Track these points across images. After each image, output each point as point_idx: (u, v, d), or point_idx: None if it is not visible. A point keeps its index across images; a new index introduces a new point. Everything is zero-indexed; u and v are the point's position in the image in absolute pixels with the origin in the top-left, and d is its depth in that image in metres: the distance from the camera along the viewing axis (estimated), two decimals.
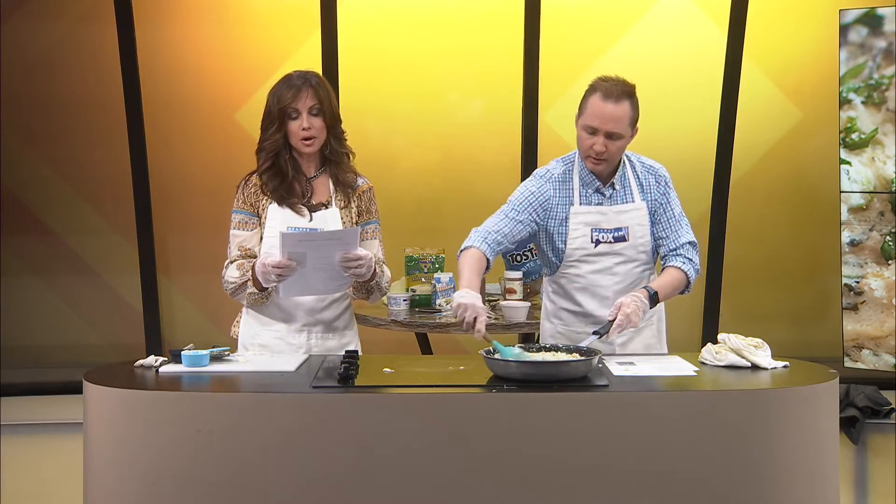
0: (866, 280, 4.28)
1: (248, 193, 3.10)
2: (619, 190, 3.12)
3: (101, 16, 4.69)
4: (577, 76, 4.81)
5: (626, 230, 3.10)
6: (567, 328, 3.18)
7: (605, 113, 2.98)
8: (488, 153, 4.92)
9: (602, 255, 3.10)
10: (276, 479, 2.46)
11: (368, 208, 3.17)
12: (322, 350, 3.12)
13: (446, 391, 2.57)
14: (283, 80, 3.06)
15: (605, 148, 3.00)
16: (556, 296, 3.21)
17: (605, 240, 3.09)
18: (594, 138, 3.01)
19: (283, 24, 4.79)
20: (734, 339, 2.81)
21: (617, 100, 2.98)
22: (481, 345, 2.81)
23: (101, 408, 2.57)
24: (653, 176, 3.15)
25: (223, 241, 3.14)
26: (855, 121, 4.26)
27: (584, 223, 3.09)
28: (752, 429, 2.49)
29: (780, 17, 4.80)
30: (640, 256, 3.12)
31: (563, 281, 3.16)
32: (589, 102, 3.02)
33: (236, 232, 3.10)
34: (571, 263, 3.12)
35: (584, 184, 3.11)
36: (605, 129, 2.99)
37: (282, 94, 3.02)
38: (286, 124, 3.03)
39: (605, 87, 3.00)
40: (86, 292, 4.91)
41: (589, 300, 3.12)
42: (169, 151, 4.84)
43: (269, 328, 3.12)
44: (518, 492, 2.46)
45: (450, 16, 4.84)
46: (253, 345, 3.13)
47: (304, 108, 3.01)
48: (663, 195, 3.14)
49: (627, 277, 3.12)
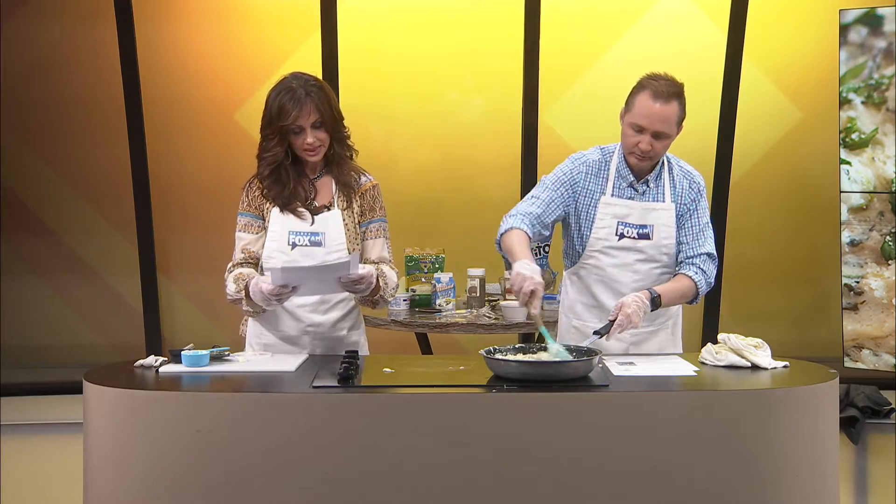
0: (866, 280, 4.28)
1: (253, 196, 3.09)
2: (653, 188, 3.12)
3: (101, 16, 4.70)
4: (577, 76, 4.83)
5: (651, 228, 3.10)
6: (582, 322, 3.16)
7: (654, 112, 2.97)
8: (488, 153, 4.92)
9: (624, 250, 3.10)
10: (276, 479, 2.47)
11: (372, 206, 3.13)
12: (328, 351, 3.10)
13: (446, 391, 2.57)
14: (284, 88, 2.96)
15: (651, 147, 3.01)
16: (573, 289, 3.21)
17: (629, 234, 3.10)
18: (640, 136, 3.01)
19: (283, 24, 4.79)
20: (734, 339, 2.81)
21: (666, 100, 2.97)
22: (481, 345, 2.81)
23: (101, 408, 2.57)
24: (688, 181, 3.16)
25: (223, 241, 3.14)
26: (855, 121, 4.26)
27: (612, 215, 3.10)
28: (752, 429, 2.49)
29: (780, 17, 4.80)
30: (661, 258, 3.12)
31: (583, 272, 3.15)
32: (637, 100, 3.01)
33: (241, 234, 3.09)
34: (593, 254, 3.12)
35: (620, 176, 3.12)
36: (654, 129, 2.99)
37: (283, 109, 2.93)
38: (288, 138, 2.98)
39: (654, 87, 2.99)
40: (86, 292, 4.91)
41: (605, 294, 3.12)
42: (169, 151, 4.84)
43: (275, 329, 3.11)
44: (518, 492, 2.46)
45: (450, 16, 4.84)
46: (259, 344, 3.11)
47: (308, 123, 2.95)
48: (694, 202, 3.14)
49: (647, 277, 3.11)
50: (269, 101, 2.99)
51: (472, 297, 4.08)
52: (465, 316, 3.93)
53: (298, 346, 3.09)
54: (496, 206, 4.85)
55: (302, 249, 3.04)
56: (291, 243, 3.05)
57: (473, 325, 3.81)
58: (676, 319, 3.25)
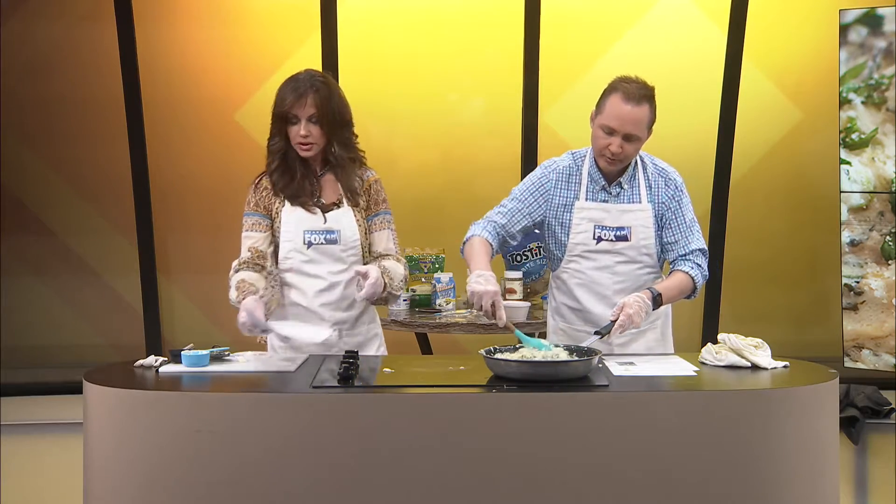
0: (866, 280, 4.28)
1: (261, 196, 3.09)
2: (627, 189, 3.12)
3: (101, 16, 4.69)
4: (577, 76, 4.83)
5: (628, 230, 3.10)
6: (568, 325, 3.18)
7: (625, 115, 2.97)
8: (488, 153, 4.92)
9: (603, 253, 3.10)
10: (276, 479, 2.46)
11: (376, 200, 3.16)
12: (354, 347, 3.10)
13: (446, 391, 2.57)
14: (290, 80, 3.04)
15: (622, 149, 3.00)
16: (558, 291, 3.22)
17: (606, 237, 3.10)
18: (611, 139, 3.00)
19: (283, 24, 4.79)
20: (734, 339, 2.81)
21: (638, 102, 2.97)
22: (481, 344, 2.81)
23: (101, 408, 2.57)
24: (663, 179, 3.14)
25: (223, 241, 3.14)
26: (855, 121, 4.26)
27: (588, 219, 3.10)
28: (752, 429, 2.49)
29: (780, 17, 4.80)
30: (643, 258, 3.12)
31: (565, 276, 3.16)
32: (609, 102, 3.01)
33: (249, 234, 3.08)
34: (573, 258, 3.12)
35: (592, 180, 3.12)
36: (624, 131, 2.98)
37: (284, 98, 3.00)
38: (286, 128, 3.03)
39: (625, 89, 2.98)
40: (86, 292, 4.91)
41: (588, 297, 3.12)
42: (169, 151, 4.84)
43: (294, 327, 3.09)
44: (518, 492, 2.46)
45: (450, 16, 4.84)
46: (282, 347, 3.09)
47: (304, 115, 2.99)
48: (673, 199, 3.13)
49: (629, 278, 3.11)
50: (276, 92, 3.06)
51: None
52: (465, 316, 3.93)
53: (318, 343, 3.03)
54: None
55: (318, 248, 3.06)
56: (307, 242, 3.06)
57: (473, 325, 3.81)
58: (666, 320, 3.24)
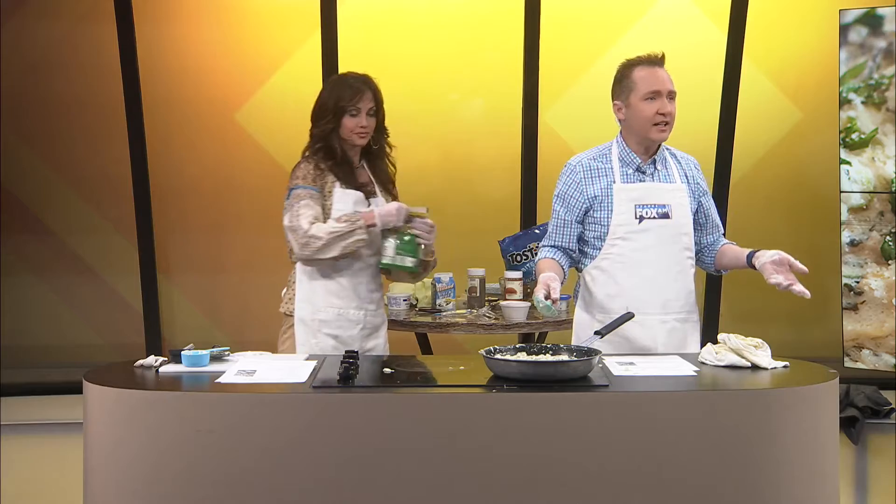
0: (866, 280, 4.28)
1: (308, 171, 3.30)
2: (661, 169, 3.16)
3: (101, 16, 4.70)
4: (577, 76, 4.83)
5: (669, 208, 3.12)
6: (606, 316, 3.11)
7: (659, 74, 3.09)
8: (488, 153, 4.92)
9: (645, 232, 3.10)
10: (276, 479, 2.47)
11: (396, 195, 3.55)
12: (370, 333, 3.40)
13: (446, 391, 2.57)
14: (341, 80, 3.37)
15: (671, 108, 3.08)
16: (595, 284, 3.16)
17: (649, 215, 3.10)
18: (656, 102, 3.07)
19: (283, 24, 4.79)
20: (734, 339, 2.81)
21: (661, 63, 3.11)
22: (481, 345, 2.81)
23: (101, 408, 2.57)
24: (691, 161, 3.26)
25: (223, 241, 3.14)
26: (855, 121, 4.26)
27: (628, 199, 3.11)
28: (752, 429, 2.49)
29: (780, 17, 4.80)
30: (682, 239, 3.14)
31: (606, 263, 3.12)
32: (636, 75, 3.10)
33: (309, 203, 3.24)
34: (614, 242, 3.11)
35: (624, 163, 3.14)
36: (667, 89, 3.08)
37: (343, 93, 3.31)
38: (342, 118, 3.30)
39: (645, 58, 3.12)
40: (86, 292, 4.91)
41: (630, 280, 3.10)
42: (169, 151, 4.84)
43: (330, 305, 3.32)
44: (518, 492, 2.46)
45: (450, 16, 4.84)
46: (314, 321, 3.30)
47: (365, 108, 3.32)
48: (703, 181, 3.25)
49: (671, 258, 3.12)
50: (325, 91, 3.37)
51: (473, 297, 4.08)
52: (465, 316, 3.93)
53: (352, 321, 3.34)
54: (496, 206, 4.89)
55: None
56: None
57: (473, 325, 3.81)
58: (698, 314, 3.28)
